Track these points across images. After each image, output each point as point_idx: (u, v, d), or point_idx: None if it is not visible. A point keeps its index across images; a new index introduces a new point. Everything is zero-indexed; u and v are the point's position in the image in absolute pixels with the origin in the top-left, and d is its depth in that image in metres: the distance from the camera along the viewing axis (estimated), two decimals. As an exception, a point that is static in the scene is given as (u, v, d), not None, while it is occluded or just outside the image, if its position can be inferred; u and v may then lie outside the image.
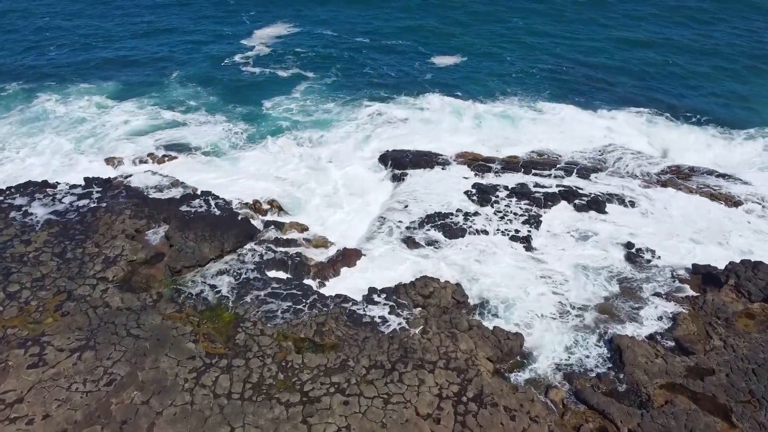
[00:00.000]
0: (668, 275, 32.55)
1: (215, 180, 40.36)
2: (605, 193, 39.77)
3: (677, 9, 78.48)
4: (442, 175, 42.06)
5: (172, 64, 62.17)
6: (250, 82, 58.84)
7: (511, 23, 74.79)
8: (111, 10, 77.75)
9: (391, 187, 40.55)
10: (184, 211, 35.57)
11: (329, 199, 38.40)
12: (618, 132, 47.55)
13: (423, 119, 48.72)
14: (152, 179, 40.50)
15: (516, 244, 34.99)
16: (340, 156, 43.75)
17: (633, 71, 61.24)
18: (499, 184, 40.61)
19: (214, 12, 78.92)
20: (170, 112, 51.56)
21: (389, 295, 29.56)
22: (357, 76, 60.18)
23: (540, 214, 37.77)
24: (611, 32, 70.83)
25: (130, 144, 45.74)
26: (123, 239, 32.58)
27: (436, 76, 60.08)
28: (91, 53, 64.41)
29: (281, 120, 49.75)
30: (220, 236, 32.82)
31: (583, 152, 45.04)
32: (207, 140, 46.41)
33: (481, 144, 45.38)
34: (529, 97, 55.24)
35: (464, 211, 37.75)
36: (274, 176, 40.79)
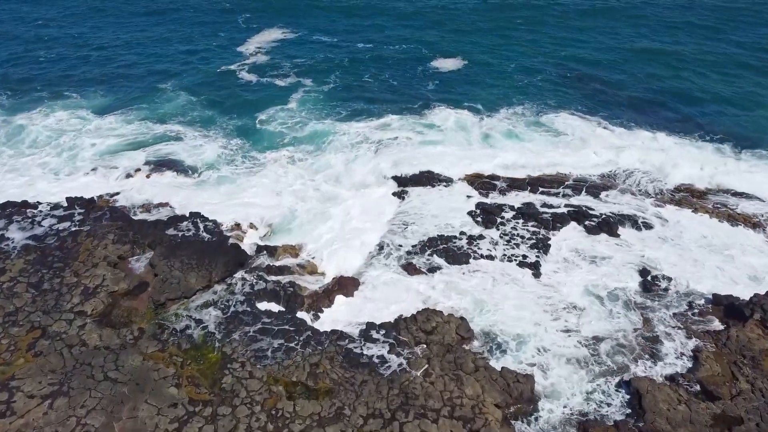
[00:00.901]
0: (687, 306, 30.45)
1: (205, 200, 38.25)
2: (617, 214, 37.64)
3: (685, 16, 76.33)
4: (443, 194, 39.97)
5: (165, 74, 60.06)
6: (247, 91, 56.73)
7: (512, 26, 72.71)
8: (104, 17, 75.66)
9: (390, 207, 38.39)
10: (170, 235, 33.51)
11: (324, 220, 36.21)
12: (627, 146, 45.20)
13: (428, 139, 46.11)
14: (139, 198, 38.57)
15: (524, 270, 32.88)
16: (337, 174, 41.59)
17: (639, 79, 59.15)
18: (504, 204, 38.52)
19: (209, 18, 76.86)
20: (161, 125, 49.39)
21: (388, 331, 27.45)
22: (356, 83, 58.08)
23: (548, 237, 35.66)
24: (616, 39, 68.66)
25: (117, 161, 43.63)
26: (104, 267, 30.49)
27: (438, 83, 58.01)
28: (82, 62, 62.41)
29: (276, 135, 47.58)
30: (208, 264, 30.71)
31: (592, 169, 42.72)
32: (199, 157, 44.22)
33: (495, 169, 42.89)
34: (535, 107, 53.08)
35: (468, 233, 35.66)
36: (268, 196, 38.60)
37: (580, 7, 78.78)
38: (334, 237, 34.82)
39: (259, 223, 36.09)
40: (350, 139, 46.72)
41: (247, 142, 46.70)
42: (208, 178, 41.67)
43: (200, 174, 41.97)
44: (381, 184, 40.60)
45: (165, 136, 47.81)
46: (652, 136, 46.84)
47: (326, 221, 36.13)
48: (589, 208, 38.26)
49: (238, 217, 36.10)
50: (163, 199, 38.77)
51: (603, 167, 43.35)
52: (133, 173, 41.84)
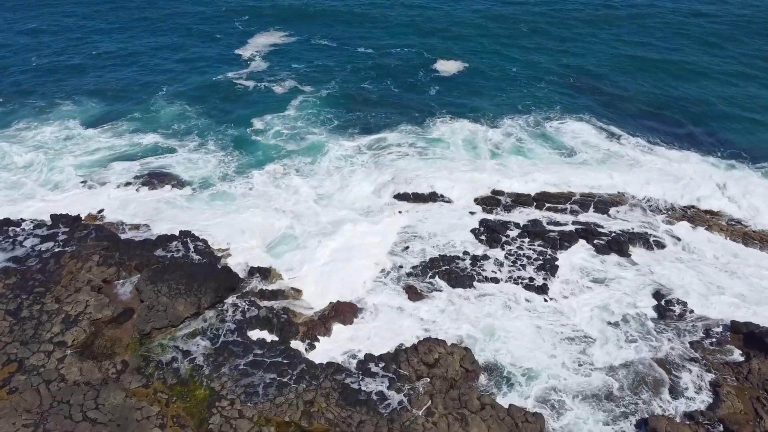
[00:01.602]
0: (704, 334, 28.78)
1: (197, 217, 36.61)
2: (627, 232, 35.97)
3: (689, 25, 74.61)
4: (445, 210, 38.29)
5: (160, 81, 58.23)
6: (244, 99, 55.01)
7: (513, 32, 70.89)
8: (98, 24, 73.56)
9: (390, 225, 36.65)
10: (159, 257, 31.82)
11: (321, 240, 34.52)
12: (641, 162, 43.43)
13: (430, 153, 44.22)
14: (127, 215, 36.95)
15: (531, 294, 31.22)
16: (334, 190, 39.93)
17: (642, 86, 57.52)
18: (509, 221, 36.85)
19: (205, 23, 74.92)
20: (154, 136, 47.64)
21: (388, 364, 25.78)
22: (355, 90, 56.36)
23: (556, 257, 33.98)
24: (618, 46, 66.67)
25: (106, 174, 42.00)
26: (88, 292, 28.80)
27: (440, 89, 56.34)
28: (74, 70, 60.54)
29: (273, 147, 45.88)
30: (198, 289, 29.02)
31: (605, 189, 40.65)
32: (193, 171, 42.54)
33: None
34: (541, 114, 51.48)
35: (471, 253, 33.99)
36: (262, 214, 36.87)
37: (582, 15, 76.76)
38: (331, 258, 33.10)
39: (252, 243, 34.29)
40: (348, 151, 45.06)
41: (243, 154, 44.99)
42: (201, 193, 39.99)
43: (193, 189, 40.29)
44: (380, 200, 38.89)
45: (158, 147, 46.09)
46: (665, 150, 45.00)
47: (322, 241, 34.41)
48: (598, 225, 36.59)
49: (231, 237, 34.37)
50: (153, 215, 37.15)
51: (612, 180, 41.61)
52: (122, 188, 40.16)
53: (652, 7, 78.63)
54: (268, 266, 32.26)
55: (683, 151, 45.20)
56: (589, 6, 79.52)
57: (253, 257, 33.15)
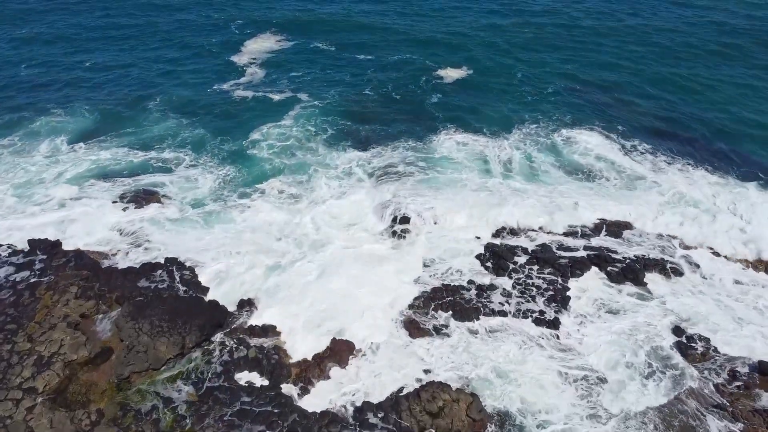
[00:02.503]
0: (729, 376, 26.64)
1: (185, 242, 34.40)
2: (642, 258, 33.83)
3: (699, 37, 72.37)
4: (448, 232, 36.06)
5: (154, 91, 55.71)
6: (240, 110, 52.53)
7: (517, 39, 68.61)
8: (91, 34, 70.68)
9: (390, 250, 34.49)
10: (142, 288, 29.68)
11: (315, 267, 32.34)
12: (657, 181, 41.24)
13: (433, 169, 41.82)
14: (110, 239, 34.76)
15: (542, 329, 29.06)
16: (330, 211, 37.65)
17: (649, 94, 55.53)
18: (516, 246, 34.69)
19: (199, 30, 72.22)
20: (146, 151, 45.22)
21: (388, 414, 23.64)
22: (355, 98, 54.14)
23: (567, 286, 31.83)
24: (623, 55, 64.25)
25: (91, 193, 39.70)
26: (63, 329, 26.65)
27: (443, 97, 54.17)
28: (65, 80, 57.78)
29: (268, 163, 43.61)
30: (182, 327, 26.86)
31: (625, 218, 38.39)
32: (184, 190, 40.15)
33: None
34: (550, 125, 49.57)
35: (477, 282, 31.84)
36: (254, 239, 34.72)
37: (586, 23, 74.29)
38: (327, 289, 30.85)
39: (243, 271, 32.13)
40: (348, 167, 42.93)
41: (238, 170, 42.75)
42: (191, 214, 37.71)
43: (182, 209, 38.03)
44: (380, 222, 36.67)
45: (148, 164, 43.74)
46: (680, 169, 42.76)
47: (317, 269, 32.19)
48: (611, 250, 34.44)
49: (221, 265, 32.22)
50: (139, 238, 34.99)
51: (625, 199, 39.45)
52: (108, 209, 37.91)
53: (656, 17, 76.08)
54: (260, 298, 30.07)
55: (697, 169, 43.05)
56: (593, 16, 76.98)
57: (244, 287, 30.99)
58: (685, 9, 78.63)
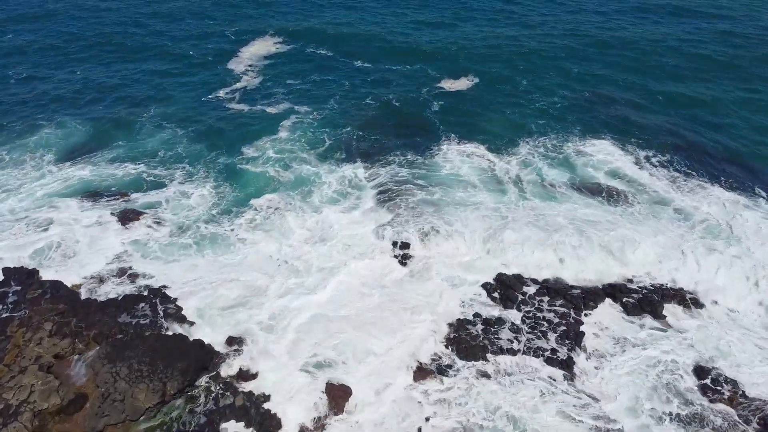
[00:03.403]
0: (760, 425, 24.42)
1: (172, 270, 32.30)
2: (659, 287, 31.62)
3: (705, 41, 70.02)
4: (453, 260, 33.80)
5: (149, 101, 53.36)
6: (236, 120, 50.13)
7: (522, 47, 66.15)
8: (84, 41, 68.18)
9: (390, 277, 32.26)
10: (122, 324, 27.52)
11: (309, 298, 30.13)
12: (670, 194, 39.07)
13: (436, 187, 39.43)
14: (92, 265, 32.61)
15: (554, 370, 26.86)
16: (326, 233, 35.48)
17: (659, 103, 53.35)
18: (525, 275, 32.44)
19: (194, 36, 69.96)
20: (137, 165, 43.03)
21: (387, 474, 21.46)
22: (355, 109, 51.77)
23: (580, 320, 29.62)
24: (629, 64, 61.83)
25: (77, 212, 37.58)
26: (35, 373, 24.55)
27: (447, 109, 51.77)
28: (54, 87, 55.83)
29: (264, 179, 41.43)
30: (163, 371, 24.73)
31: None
32: (176, 208, 38.01)
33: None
34: (560, 136, 47.40)
35: (484, 316, 29.64)
36: (246, 264, 32.63)
37: (591, 32, 71.75)
38: (324, 324, 28.68)
39: (234, 302, 30.00)
40: (344, 184, 40.75)
41: (233, 187, 40.62)
42: (181, 237, 35.47)
43: (173, 232, 35.80)
44: (379, 246, 34.46)
45: (140, 179, 41.59)
46: (699, 184, 40.46)
47: (311, 301, 30.03)
48: (627, 278, 32.19)
49: (209, 294, 30.08)
50: (123, 264, 32.91)
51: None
52: (94, 230, 35.77)
53: (662, 26, 73.33)
54: (251, 335, 27.89)
55: (714, 186, 40.77)
56: (598, 25, 74.38)
57: (234, 322, 28.80)
58: (691, 19, 75.88)
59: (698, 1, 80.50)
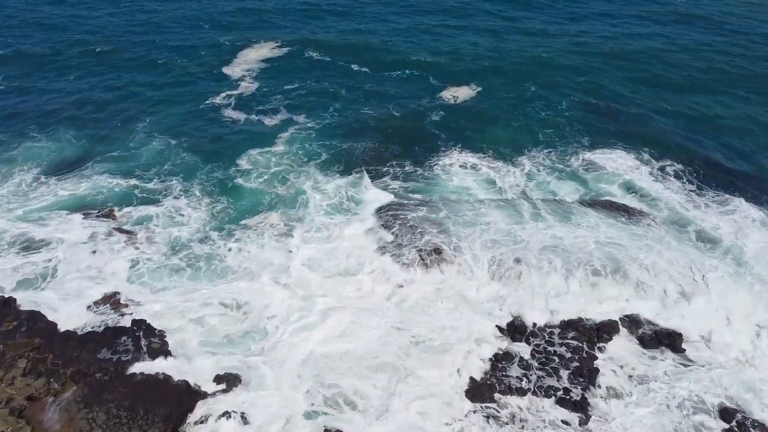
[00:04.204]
0: (792, 477, 22.44)
1: (161, 295, 30.45)
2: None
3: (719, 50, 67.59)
4: (457, 282, 31.84)
5: (143, 109, 51.07)
6: (232, 130, 48.04)
7: (525, 52, 63.76)
8: (78, 46, 66.01)
9: (388, 306, 30.23)
10: (102, 360, 25.66)
11: (308, 331, 28.20)
12: (691, 213, 37.06)
13: (439, 203, 37.62)
14: (74, 291, 30.72)
15: (566, 412, 24.88)
16: (322, 256, 33.49)
17: (667, 112, 51.29)
18: (533, 299, 30.43)
19: (190, 40, 67.69)
20: (128, 179, 41.02)
21: None
22: (353, 118, 49.55)
23: (594, 354, 27.61)
24: (638, 72, 59.61)
25: (60, 230, 35.74)
26: (5, 418, 22.73)
27: (450, 119, 49.50)
28: (49, 96, 53.72)
29: (260, 194, 39.48)
30: (144, 416, 22.88)
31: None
32: (168, 227, 35.94)
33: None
34: (569, 146, 45.47)
35: (492, 350, 27.63)
36: (238, 290, 30.69)
37: (599, 42, 68.86)
38: (318, 364, 26.66)
39: (224, 334, 28.12)
40: (344, 199, 38.86)
41: (228, 202, 38.67)
42: (172, 260, 33.51)
43: (164, 254, 33.80)
44: (379, 269, 32.46)
45: (131, 194, 39.58)
46: (715, 200, 38.64)
47: (310, 332, 28.10)
48: (644, 307, 30.13)
49: (198, 327, 28.20)
50: (108, 289, 31.03)
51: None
52: (78, 252, 33.86)
53: (671, 33, 70.67)
54: (243, 372, 25.97)
55: (733, 198, 38.98)
56: (605, 33, 71.55)
57: (225, 356, 26.89)
58: (701, 28, 73.22)
59: (709, 9, 77.74)
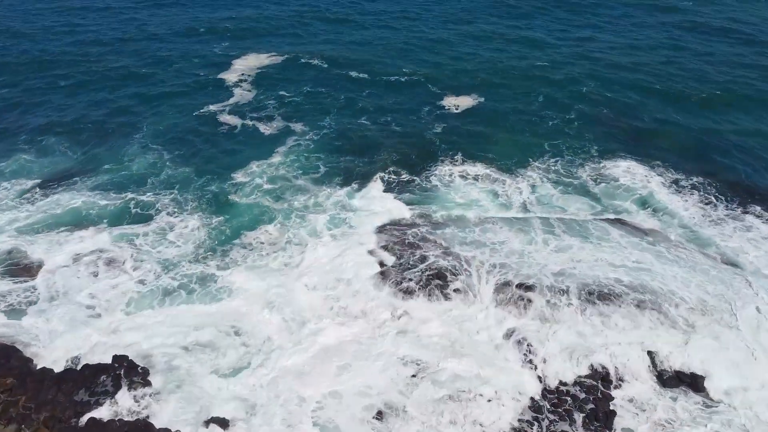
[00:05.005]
0: None
1: (145, 325, 28.61)
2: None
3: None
4: (462, 314, 29.80)
5: (137, 119, 49.66)
6: (228, 140, 46.64)
7: (528, 60, 61.37)
8: (72, 51, 64.15)
9: (386, 339, 28.18)
10: (78, 404, 23.80)
11: (300, 372, 26.26)
12: (710, 232, 35.06)
13: (441, 221, 35.92)
14: (54, 321, 28.94)
15: (581, 462, 22.89)
16: (317, 280, 31.58)
17: (679, 122, 49.08)
18: (544, 334, 28.39)
19: (185, 46, 65.87)
20: (121, 193, 39.50)
21: None
22: (351, 129, 47.87)
23: (609, 394, 25.58)
24: (649, 76, 57.40)
25: (44, 249, 34.00)
26: (-30, 472, 20.83)
27: (452, 131, 47.64)
28: (36, 107, 51.99)
29: (256, 210, 37.79)
30: (120, 471, 20.94)
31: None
32: (158, 246, 34.39)
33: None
34: (577, 157, 43.81)
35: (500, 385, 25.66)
36: (231, 319, 28.89)
37: (607, 50, 66.30)
38: (315, 412, 24.70)
39: (215, 369, 26.22)
40: (341, 216, 37.18)
41: (223, 219, 36.99)
42: (161, 283, 31.63)
43: (152, 279, 31.96)
44: (380, 298, 30.48)
45: (124, 210, 37.93)
46: (729, 214, 36.85)
47: (301, 380, 26.09)
48: (664, 340, 28.06)
49: (184, 363, 26.30)
50: (91, 317, 29.34)
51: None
52: (61, 277, 32.05)
53: (682, 42, 67.71)
54: (236, 417, 24.06)
55: (748, 211, 37.23)
56: (612, 41, 68.85)
57: (216, 399, 24.94)
58: (713, 37, 70.53)
59: (719, 18, 75.06)
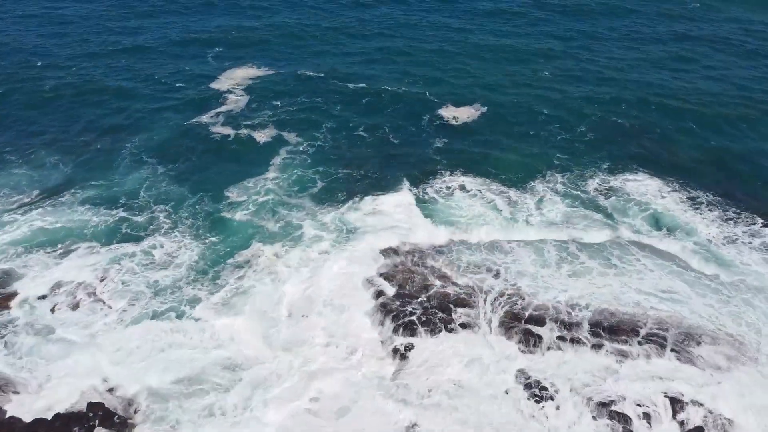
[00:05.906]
0: None
1: (129, 370, 26.53)
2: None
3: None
4: (466, 347, 27.65)
5: (130, 130, 47.59)
6: (221, 154, 44.78)
7: (534, 73, 58.57)
8: (66, 56, 61.98)
9: (384, 376, 26.11)
10: (49, 460, 21.82)
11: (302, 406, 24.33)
12: (734, 257, 32.95)
13: (443, 240, 34.13)
14: (26, 359, 27.02)
15: None
16: (312, 305, 29.72)
17: (694, 133, 47.17)
18: (556, 375, 26.22)
19: (178, 53, 63.44)
20: (113, 210, 37.84)
21: None
22: (347, 141, 45.83)
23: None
24: (661, 86, 55.00)
25: (21, 274, 32.10)
26: None
27: (452, 143, 45.47)
28: (24, 119, 49.73)
29: (249, 230, 36.04)
30: None
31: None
32: (146, 271, 32.46)
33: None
34: (588, 171, 42.02)
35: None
36: (220, 357, 26.96)
37: (614, 59, 62.99)
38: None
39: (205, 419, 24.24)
40: (339, 236, 35.46)
41: (217, 238, 35.27)
42: (147, 312, 29.82)
43: (136, 309, 30.10)
44: (377, 333, 28.43)
45: (114, 228, 36.20)
46: (746, 231, 34.80)
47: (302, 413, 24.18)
48: (687, 382, 25.83)
49: (168, 412, 24.32)
50: (66, 354, 27.28)
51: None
52: (39, 309, 30.11)
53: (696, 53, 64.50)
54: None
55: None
56: (613, 50, 65.70)
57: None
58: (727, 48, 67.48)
59: (732, 29, 71.99)
